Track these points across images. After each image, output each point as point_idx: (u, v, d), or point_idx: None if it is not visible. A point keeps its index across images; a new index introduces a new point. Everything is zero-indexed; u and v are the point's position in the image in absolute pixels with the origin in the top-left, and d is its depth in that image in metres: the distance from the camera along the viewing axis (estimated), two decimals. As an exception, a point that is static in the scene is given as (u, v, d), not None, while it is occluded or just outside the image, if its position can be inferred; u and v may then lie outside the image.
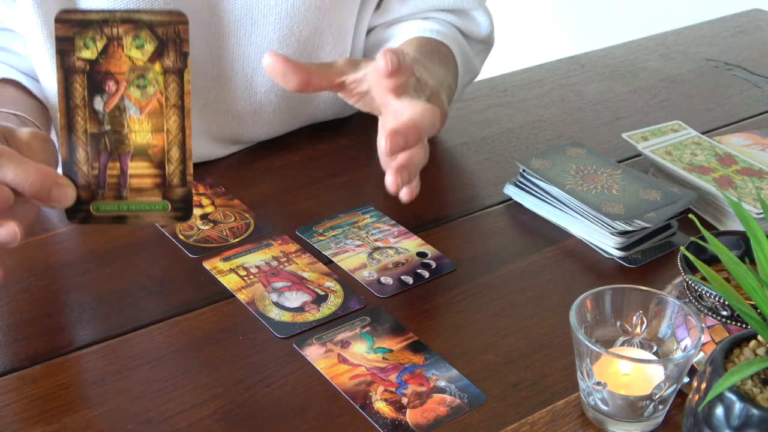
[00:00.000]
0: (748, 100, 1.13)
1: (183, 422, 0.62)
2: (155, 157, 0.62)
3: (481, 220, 0.86)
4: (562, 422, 0.62)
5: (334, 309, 0.73)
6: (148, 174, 0.63)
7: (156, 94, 0.62)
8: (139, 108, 0.62)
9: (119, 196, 0.63)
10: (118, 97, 0.62)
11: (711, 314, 0.63)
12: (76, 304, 0.73)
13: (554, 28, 2.57)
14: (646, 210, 0.80)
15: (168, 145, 0.62)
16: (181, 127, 0.62)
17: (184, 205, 0.63)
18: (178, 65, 0.61)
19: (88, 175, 0.62)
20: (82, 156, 0.62)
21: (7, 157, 0.59)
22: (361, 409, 0.63)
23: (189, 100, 0.62)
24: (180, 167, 0.63)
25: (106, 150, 0.62)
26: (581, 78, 1.18)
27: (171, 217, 0.64)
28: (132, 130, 0.62)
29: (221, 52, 0.90)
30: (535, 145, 1.00)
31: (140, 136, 0.62)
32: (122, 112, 0.62)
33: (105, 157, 0.62)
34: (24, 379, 0.66)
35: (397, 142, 0.65)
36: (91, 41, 0.61)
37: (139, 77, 0.61)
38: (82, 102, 0.61)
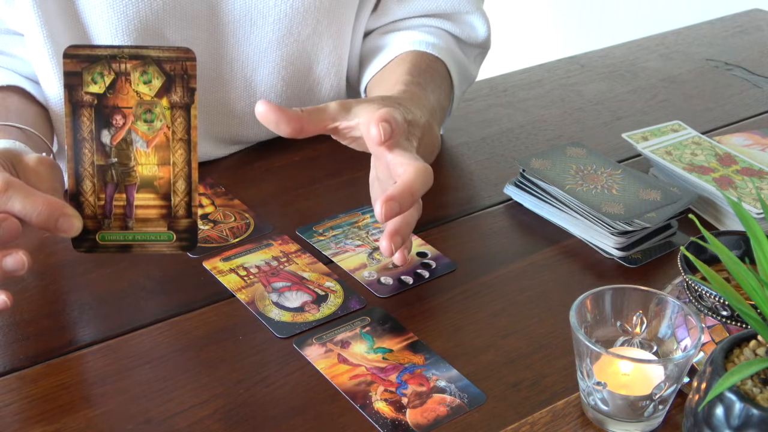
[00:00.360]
0: (748, 100, 1.13)
1: (183, 422, 0.62)
2: (161, 189, 0.64)
3: (481, 220, 0.86)
4: (562, 422, 0.62)
5: (334, 309, 0.73)
6: (154, 205, 0.64)
7: (163, 128, 0.63)
8: (146, 141, 0.63)
9: (125, 226, 0.64)
10: (125, 131, 0.63)
11: (711, 314, 0.63)
12: (76, 304, 0.73)
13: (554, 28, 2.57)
14: (646, 210, 0.80)
15: (174, 178, 0.64)
16: (187, 161, 0.64)
17: (189, 235, 0.65)
18: (185, 100, 0.63)
19: (94, 205, 0.64)
20: (88, 187, 0.64)
21: (15, 188, 0.60)
22: (361, 409, 0.63)
23: (195, 134, 0.64)
24: (186, 199, 0.64)
25: (112, 181, 0.64)
26: (581, 78, 1.18)
27: (176, 246, 0.65)
28: (139, 163, 0.64)
29: (221, 53, 0.90)
30: (535, 145, 1.00)
31: (147, 168, 0.64)
32: (129, 145, 0.63)
33: (111, 189, 0.64)
34: (24, 379, 0.66)
35: (392, 208, 0.66)
36: (99, 76, 0.62)
37: (146, 112, 0.63)
38: (89, 135, 0.63)
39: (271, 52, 0.91)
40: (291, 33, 0.90)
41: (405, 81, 0.85)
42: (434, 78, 0.91)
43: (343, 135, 0.75)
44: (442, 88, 0.92)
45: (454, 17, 0.98)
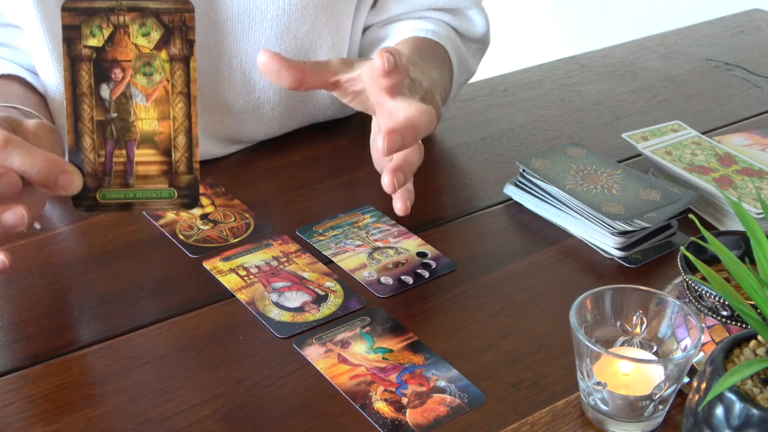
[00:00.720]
0: (748, 100, 1.13)
1: (183, 422, 0.62)
2: (161, 145, 0.63)
3: (481, 220, 0.86)
4: (562, 422, 0.62)
5: (334, 309, 0.73)
6: (155, 161, 0.63)
7: (162, 82, 0.62)
8: (145, 95, 0.62)
9: (126, 183, 0.63)
10: (124, 85, 0.62)
11: (711, 314, 0.63)
12: (76, 304, 0.73)
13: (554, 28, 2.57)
14: (646, 210, 0.80)
15: (174, 132, 0.63)
16: (187, 114, 0.63)
17: (191, 192, 0.64)
18: (184, 53, 0.62)
19: (94, 162, 0.63)
20: (88, 143, 0.62)
21: (15, 144, 0.59)
22: (361, 409, 0.63)
23: (195, 87, 0.62)
24: (186, 154, 0.63)
25: (112, 137, 0.62)
26: (581, 78, 1.18)
27: (177, 204, 0.64)
28: (138, 118, 0.62)
29: (219, 50, 0.90)
30: (535, 145, 1.00)
31: (146, 123, 0.63)
32: (129, 99, 0.62)
33: (111, 145, 0.63)
34: (24, 379, 0.66)
35: (395, 141, 0.65)
36: (97, 29, 0.61)
37: (145, 65, 0.62)
38: (88, 89, 0.62)
39: (270, 47, 0.91)
40: (289, 29, 0.90)
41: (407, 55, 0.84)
42: (436, 58, 0.91)
43: (344, 90, 0.74)
44: (443, 69, 0.91)
45: (453, 12, 0.99)
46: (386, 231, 0.83)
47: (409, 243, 0.81)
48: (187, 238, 0.81)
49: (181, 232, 0.82)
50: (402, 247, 0.81)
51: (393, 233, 0.83)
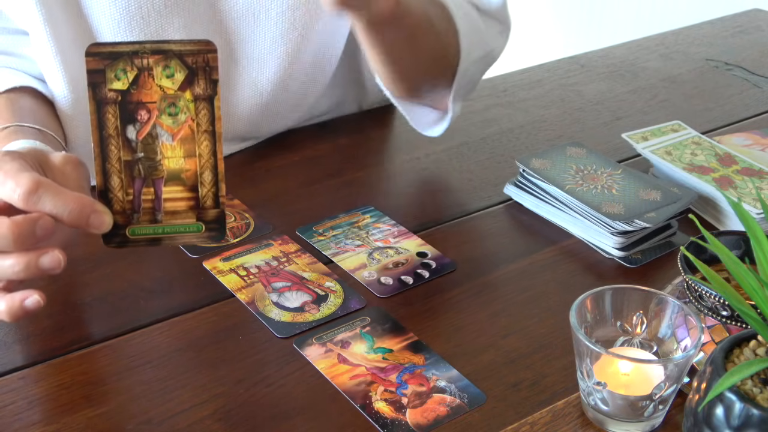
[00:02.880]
0: (748, 100, 1.13)
1: (183, 422, 0.62)
2: (188, 181, 0.64)
3: (481, 220, 0.86)
4: (562, 422, 0.62)
5: (334, 309, 0.73)
6: (182, 197, 0.64)
7: (187, 121, 0.63)
8: (171, 135, 0.63)
9: (154, 219, 0.65)
10: (150, 125, 0.63)
11: (711, 314, 0.63)
12: (76, 304, 0.73)
13: (554, 28, 2.57)
14: (646, 210, 0.80)
15: (200, 169, 0.64)
16: (212, 152, 0.64)
17: (218, 225, 0.65)
18: (208, 92, 0.63)
19: (123, 201, 0.64)
20: (116, 183, 0.64)
21: (45, 188, 0.60)
22: (361, 409, 0.63)
23: (220, 125, 0.64)
24: (213, 189, 0.64)
25: (140, 176, 0.64)
26: (581, 78, 1.18)
27: (205, 237, 0.65)
28: (165, 156, 0.64)
29: (226, 51, 0.90)
30: (535, 145, 1.00)
31: (173, 161, 0.64)
32: (155, 139, 0.63)
33: (139, 183, 0.64)
34: (24, 379, 0.66)
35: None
36: (122, 72, 0.63)
37: (170, 105, 0.63)
38: (115, 131, 0.63)
39: (276, 48, 0.91)
40: (294, 27, 0.90)
41: None
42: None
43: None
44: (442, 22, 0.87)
45: None
46: (386, 231, 0.83)
47: (409, 243, 0.81)
48: (187, 238, 0.81)
49: (181, 232, 0.82)
50: (402, 247, 0.81)
51: (393, 233, 0.83)
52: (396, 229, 0.83)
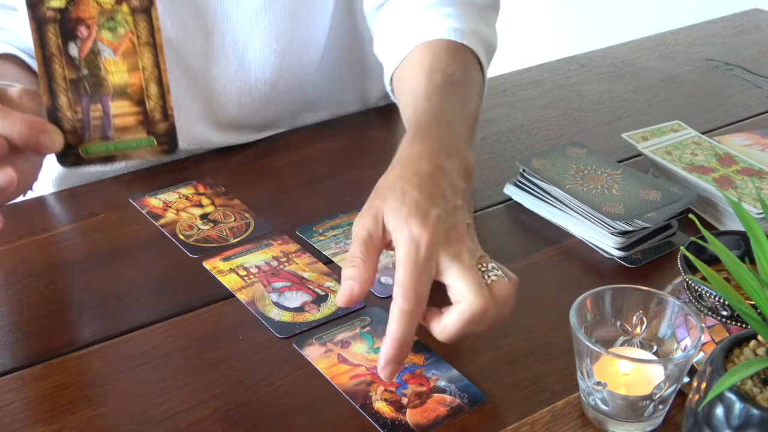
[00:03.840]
0: (748, 100, 1.13)
1: (183, 422, 0.62)
2: (135, 96, 0.65)
3: (481, 220, 0.86)
4: (562, 422, 0.62)
5: (334, 309, 0.73)
6: (130, 112, 0.65)
7: (127, 35, 0.64)
8: (112, 49, 0.64)
9: (105, 136, 0.66)
10: (91, 42, 0.64)
11: (711, 314, 0.63)
12: (76, 304, 0.73)
13: (554, 28, 2.57)
14: (646, 210, 0.80)
15: (145, 83, 0.65)
16: (155, 64, 0.65)
17: (169, 138, 0.66)
18: (144, 3, 0.64)
19: (72, 119, 0.65)
20: (64, 102, 0.65)
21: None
22: (361, 409, 0.63)
23: (160, 36, 0.65)
24: (160, 102, 0.65)
25: (86, 93, 0.65)
26: (581, 78, 1.18)
27: (158, 151, 0.67)
28: (109, 72, 0.65)
29: (210, 27, 0.91)
30: (535, 145, 1.00)
31: (117, 76, 0.65)
32: (97, 55, 0.64)
33: (86, 101, 0.65)
34: (24, 379, 0.66)
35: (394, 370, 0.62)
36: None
37: (108, 20, 0.64)
38: (57, 50, 0.64)
39: (260, 22, 0.91)
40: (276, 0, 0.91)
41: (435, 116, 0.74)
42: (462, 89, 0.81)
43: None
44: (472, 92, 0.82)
45: None
46: (386, 231, 0.83)
47: (409, 243, 0.81)
48: (187, 237, 0.81)
49: (181, 232, 0.82)
50: (402, 247, 0.80)
51: (393, 233, 0.83)
52: (396, 229, 0.83)
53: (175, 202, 0.87)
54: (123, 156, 0.66)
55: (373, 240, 0.63)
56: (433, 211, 0.63)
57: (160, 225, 0.83)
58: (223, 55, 0.92)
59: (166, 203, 0.86)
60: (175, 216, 0.84)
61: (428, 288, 0.61)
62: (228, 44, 0.92)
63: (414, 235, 0.61)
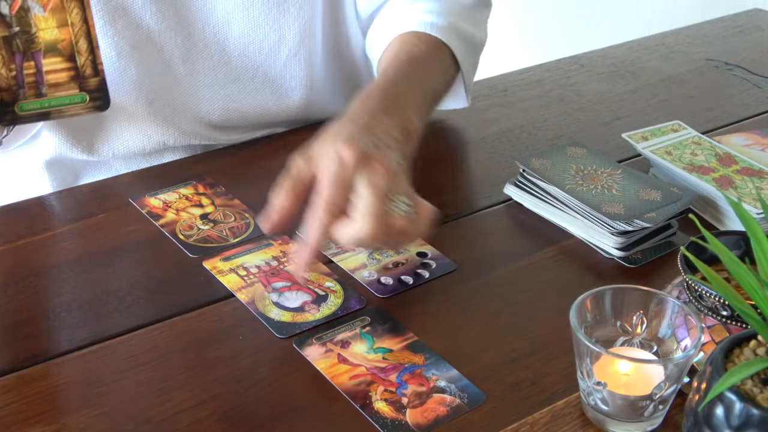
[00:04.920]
0: (748, 100, 1.13)
1: (183, 422, 0.62)
2: (65, 51, 0.67)
3: (481, 220, 0.86)
4: (562, 422, 0.62)
5: (334, 309, 0.73)
6: (62, 68, 0.67)
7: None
8: (42, 6, 0.66)
9: (39, 93, 0.68)
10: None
11: (711, 314, 0.63)
12: (76, 304, 0.73)
13: (554, 28, 2.57)
14: (646, 210, 0.80)
15: (75, 38, 0.67)
16: (83, 19, 0.67)
17: (101, 94, 0.69)
18: None
19: (7, 77, 0.67)
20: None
21: None
22: (361, 409, 0.63)
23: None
24: (90, 57, 0.67)
25: (19, 50, 0.66)
26: (581, 78, 1.18)
27: (90, 107, 0.69)
28: (39, 28, 0.66)
29: (192, 20, 0.91)
30: (535, 145, 1.00)
31: (48, 33, 0.67)
32: (27, 12, 0.66)
33: (20, 58, 0.67)
34: (24, 379, 0.66)
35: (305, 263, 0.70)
36: None
37: None
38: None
39: (238, 13, 0.92)
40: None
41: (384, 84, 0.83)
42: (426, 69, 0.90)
43: None
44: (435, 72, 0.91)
45: None
46: (386, 231, 0.83)
47: (409, 243, 0.81)
48: (187, 238, 0.81)
49: (181, 232, 0.82)
50: (402, 247, 0.81)
51: (393, 233, 0.83)
52: (396, 229, 0.83)
53: (175, 202, 0.87)
54: (57, 113, 0.69)
55: (301, 175, 0.70)
56: (361, 139, 0.70)
57: (160, 225, 0.83)
58: (204, 46, 0.93)
59: (166, 203, 0.86)
60: (175, 216, 0.84)
61: (345, 201, 0.68)
62: (209, 34, 0.93)
63: (339, 151, 0.68)
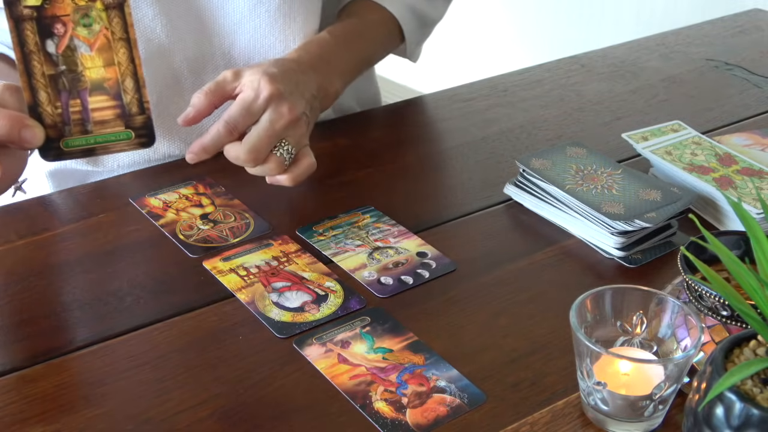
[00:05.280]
0: (748, 100, 1.13)
1: (183, 422, 0.62)
2: (111, 90, 0.68)
3: (481, 220, 0.86)
4: (562, 422, 0.62)
5: (334, 309, 0.73)
6: (108, 106, 0.68)
7: (102, 31, 0.67)
8: (88, 45, 0.67)
9: (85, 130, 0.69)
10: (67, 38, 0.67)
11: (711, 314, 0.63)
12: (76, 304, 0.73)
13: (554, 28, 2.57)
14: (646, 210, 0.80)
15: (121, 77, 0.68)
16: (130, 58, 0.68)
17: (147, 131, 0.70)
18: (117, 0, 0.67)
19: (53, 114, 0.68)
20: (44, 97, 0.67)
21: None
22: (361, 409, 0.63)
23: (133, 31, 0.67)
24: (136, 96, 0.68)
25: (65, 89, 0.67)
26: (581, 78, 1.18)
27: (136, 144, 0.70)
28: (86, 67, 0.67)
29: (200, 31, 0.92)
30: (535, 145, 1.00)
31: (94, 71, 0.68)
32: (74, 51, 0.67)
33: (66, 96, 0.68)
34: (24, 379, 0.66)
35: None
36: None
37: (83, 16, 0.66)
38: (35, 47, 0.66)
39: (245, 24, 0.93)
40: (261, 2, 0.93)
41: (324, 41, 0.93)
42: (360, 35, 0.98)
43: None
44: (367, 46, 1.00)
45: None
46: (386, 231, 0.83)
47: (409, 243, 0.81)
48: (187, 238, 0.81)
49: (181, 232, 0.82)
50: (402, 247, 0.81)
51: (393, 233, 0.83)
52: (396, 229, 0.83)
53: (175, 202, 0.87)
54: (102, 149, 0.69)
55: (225, 83, 0.81)
56: (282, 82, 0.81)
57: (160, 225, 0.83)
58: (212, 55, 0.94)
59: (166, 203, 0.86)
60: (175, 216, 0.84)
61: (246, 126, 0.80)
62: (216, 44, 0.93)
63: (260, 83, 0.80)
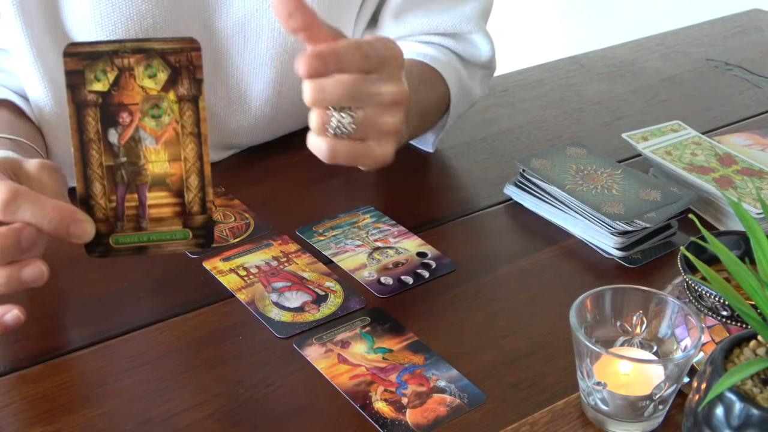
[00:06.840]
0: (748, 100, 1.13)
1: (183, 422, 0.62)
2: (174, 186, 0.61)
3: (481, 220, 0.86)
4: (562, 422, 0.62)
5: (334, 309, 0.73)
6: (168, 203, 0.62)
7: (171, 123, 0.61)
8: (154, 138, 0.61)
9: (139, 227, 0.62)
10: (132, 129, 0.61)
11: (711, 314, 0.63)
12: (77, 304, 0.73)
13: (554, 28, 2.57)
14: (646, 210, 0.80)
15: (186, 174, 0.61)
16: (198, 155, 0.61)
17: (206, 231, 0.63)
18: (192, 92, 0.61)
19: (106, 208, 0.61)
20: (98, 189, 0.61)
21: (23, 197, 0.57)
22: (361, 409, 0.63)
23: (206, 126, 0.61)
24: (199, 195, 0.62)
25: (123, 182, 0.61)
26: (581, 78, 1.18)
27: (192, 244, 0.63)
28: (149, 161, 0.61)
29: (215, 69, 0.89)
30: (535, 145, 1.00)
31: (157, 166, 0.61)
32: (138, 143, 0.61)
33: (122, 189, 0.61)
34: (24, 379, 0.66)
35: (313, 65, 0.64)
36: (102, 73, 0.60)
37: (153, 107, 0.61)
38: (96, 135, 0.60)
39: (266, 68, 0.90)
40: (285, 50, 0.90)
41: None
42: (426, 83, 0.90)
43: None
44: (430, 94, 0.90)
45: (456, 37, 0.96)
46: (386, 231, 0.83)
47: (409, 243, 0.81)
48: (187, 238, 0.81)
49: (181, 232, 0.82)
50: (402, 247, 0.81)
51: (393, 233, 0.83)
52: (396, 229, 0.83)
53: (175, 202, 0.87)
54: (155, 248, 0.62)
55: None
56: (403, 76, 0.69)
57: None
58: (226, 94, 0.91)
59: (166, 203, 0.86)
60: (175, 216, 0.84)
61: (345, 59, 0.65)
62: (231, 84, 0.91)
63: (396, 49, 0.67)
